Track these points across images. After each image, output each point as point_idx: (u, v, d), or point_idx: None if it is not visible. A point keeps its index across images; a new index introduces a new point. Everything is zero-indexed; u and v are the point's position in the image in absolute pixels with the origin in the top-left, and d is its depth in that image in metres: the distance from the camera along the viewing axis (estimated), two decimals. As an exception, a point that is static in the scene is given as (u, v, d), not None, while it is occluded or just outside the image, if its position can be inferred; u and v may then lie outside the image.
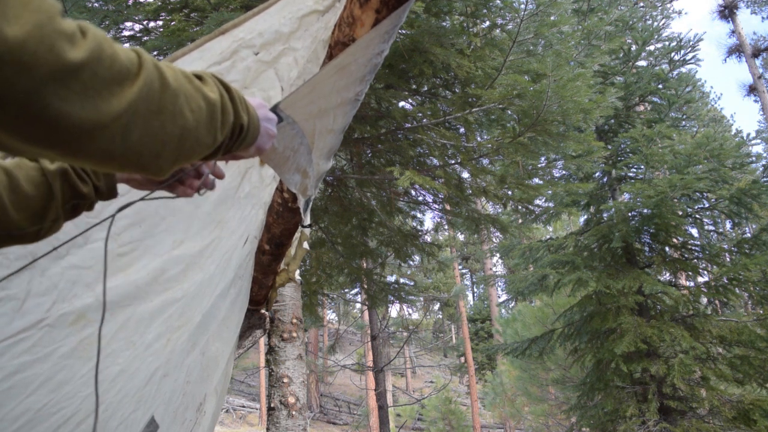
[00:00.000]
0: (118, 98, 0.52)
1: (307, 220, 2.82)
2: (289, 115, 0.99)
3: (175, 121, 0.59)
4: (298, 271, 3.13)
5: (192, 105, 0.61)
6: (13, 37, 0.43)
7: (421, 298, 20.46)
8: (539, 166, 4.82)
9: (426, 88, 4.43)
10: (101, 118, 0.51)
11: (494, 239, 9.47)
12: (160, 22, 4.18)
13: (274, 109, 0.94)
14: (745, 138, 7.07)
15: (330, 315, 30.51)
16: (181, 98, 0.60)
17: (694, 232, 7.97)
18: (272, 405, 3.33)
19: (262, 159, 1.04)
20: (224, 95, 0.68)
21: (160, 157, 0.60)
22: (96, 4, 3.77)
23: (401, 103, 4.58)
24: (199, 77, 0.67)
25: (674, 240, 7.11)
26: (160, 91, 0.57)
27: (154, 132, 0.57)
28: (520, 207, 4.90)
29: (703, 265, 6.86)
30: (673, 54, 7.66)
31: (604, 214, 7.57)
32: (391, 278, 16.19)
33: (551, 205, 7.40)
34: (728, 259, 7.03)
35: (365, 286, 6.60)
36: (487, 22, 3.99)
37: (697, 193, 6.65)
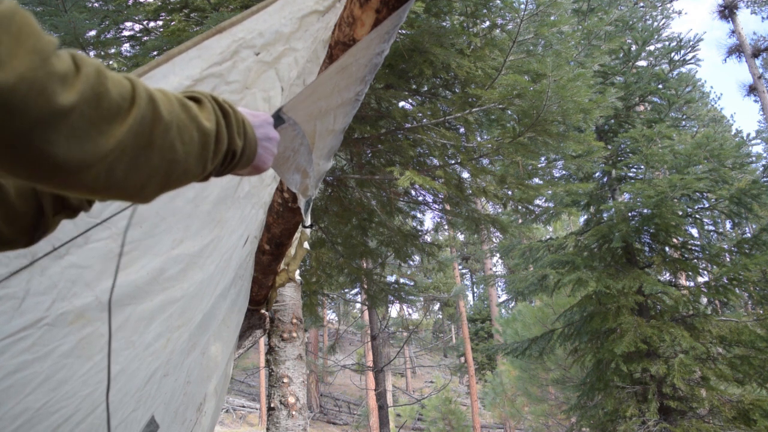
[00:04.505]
0: (106, 137, 0.50)
1: (308, 221, 2.82)
2: (291, 116, 0.99)
3: (164, 155, 0.57)
4: (298, 271, 3.13)
5: (184, 137, 0.59)
6: (4, 81, 0.42)
7: (421, 298, 20.47)
8: (539, 166, 4.81)
9: (426, 88, 4.43)
10: (87, 158, 0.50)
11: (494, 239, 9.47)
12: (160, 22, 4.18)
13: (278, 113, 0.94)
14: (745, 138, 7.07)
15: (330, 315, 30.53)
16: (173, 131, 0.58)
17: (694, 232, 7.98)
18: (272, 405, 3.33)
19: None
20: (221, 122, 0.66)
21: (145, 189, 0.58)
22: (96, 4, 3.76)
23: (401, 103, 4.58)
24: (197, 100, 0.65)
25: (674, 240, 7.11)
26: (151, 126, 0.55)
27: (140, 166, 0.55)
28: (520, 207, 4.89)
29: (703, 265, 6.86)
30: (673, 54, 7.66)
31: (604, 214, 7.57)
32: (391, 278, 16.20)
33: (551, 205, 7.40)
34: (728, 259, 7.03)
35: (365, 286, 6.60)
36: (487, 22, 3.99)
37: (697, 193, 6.65)
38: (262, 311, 3.22)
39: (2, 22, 0.43)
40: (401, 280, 16.33)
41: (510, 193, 4.53)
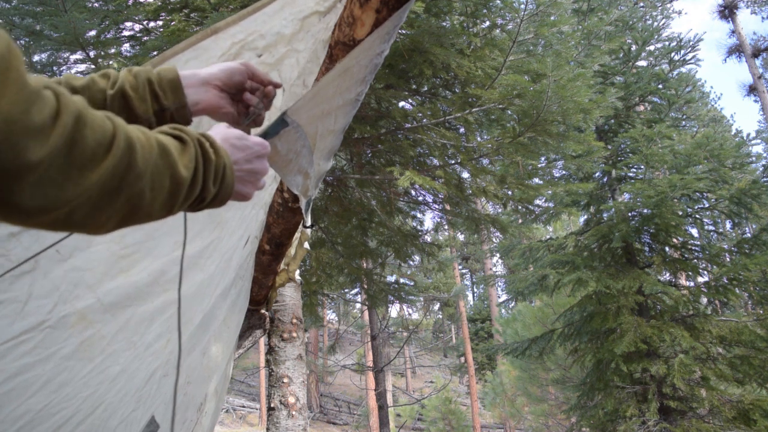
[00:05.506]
0: (73, 184, 0.49)
1: (309, 221, 2.83)
2: (295, 119, 0.99)
3: (129, 200, 0.55)
4: (298, 271, 3.13)
5: (155, 183, 0.58)
6: None
7: (421, 298, 20.47)
8: (539, 166, 4.82)
9: (426, 88, 4.43)
10: (49, 206, 0.48)
11: (494, 239, 9.47)
12: (160, 22, 4.18)
13: (282, 117, 0.94)
14: (745, 138, 7.08)
15: (330, 315, 30.54)
16: (145, 179, 0.56)
17: (694, 232, 7.98)
18: (272, 405, 3.34)
19: (268, 164, 1.04)
20: (199, 169, 0.64)
21: (103, 228, 0.57)
22: (96, 4, 3.76)
23: (401, 103, 4.58)
24: (183, 141, 0.63)
25: (674, 240, 7.11)
26: (123, 174, 0.53)
27: (102, 210, 0.54)
28: (520, 207, 4.89)
29: (703, 265, 6.87)
30: (673, 54, 7.66)
31: (604, 214, 7.57)
32: (391, 278, 16.20)
33: (551, 205, 7.40)
34: (728, 259, 7.03)
35: (365, 286, 6.60)
36: (487, 22, 3.99)
37: (697, 193, 6.65)
38: (262, 311, 3.22)
39: None
40: (401, 280, 16.32)
41: (510, 193, 4.53)
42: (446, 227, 10.13)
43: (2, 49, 0.42)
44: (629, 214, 7.03)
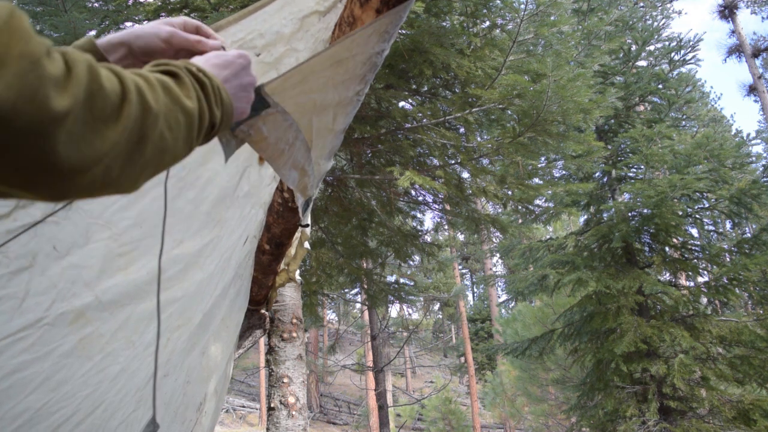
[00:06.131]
0: (102, 138, 0.49)
1: (307, 220, 2.82)
2: (279, 102, 0.96)
3: (156, 144, 0.55)
4: (298, 271, 3.13)
5: (171, 122, 0.57)
6: None
7: (421, 298, 20.47)
8: (539, 166, 4.81)
9: (426, 88, 4.43)
10: (85, 162, 0.48)
11: (494, 239, 9.47)
12: (160, 22, 4.17)
13: (259, 91, 0.90)
14: (745, 138, 7.08)
15: (330, 315, 30.53)
16: (161, 119, 0.56)
17: (694, 232, 7.98)
18: (272, 405, 3.34)
19: (256, 150, 1.01)
20: (200, 97, 0.64)
21: (138, 181, 0.57)
22: (96, 4, 3.77)
23: (401, 103, 4.58)
24: (174, 75, 0.62)
25: (674, 240, 7.11)
26: (142, 119, 0.53)
27: (134, 162, 0.54)
28: (520, 207, 4.89)
29: (703, 265, 6.87)
30: (673, 54, 7.66)
31: (604, 214, 7.57)
32: (391, 278, 16.19)
33: (551, 205, 7.40)
34: (728, 259, 7.03)
35: (365, 286, 6.60)
36: (487, 22, 3.99)
37: (697, 193, 6.65)
38: (262, 311, 3.22)
39: None
40: (401, 280, 16.32)
41: (510, 193, 4.53)
42: (446, 227, 10.13)
43: (5, 13, 0.42)
44: (629, 214, 7.03)
